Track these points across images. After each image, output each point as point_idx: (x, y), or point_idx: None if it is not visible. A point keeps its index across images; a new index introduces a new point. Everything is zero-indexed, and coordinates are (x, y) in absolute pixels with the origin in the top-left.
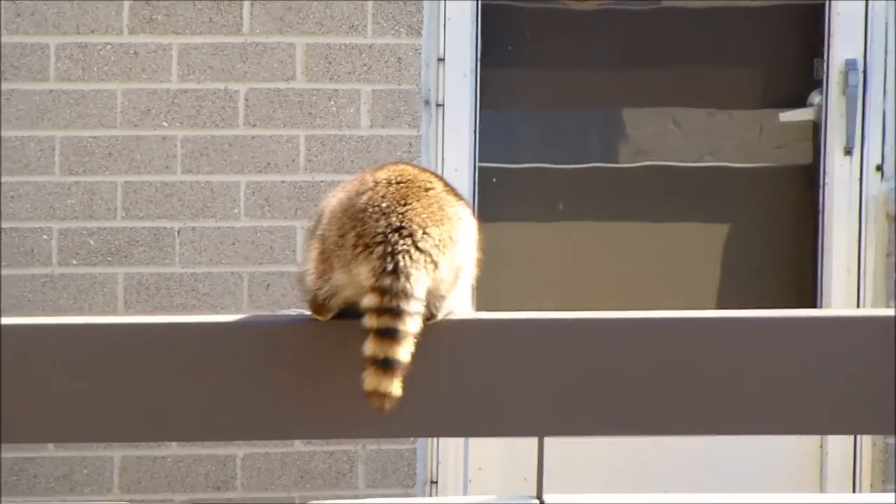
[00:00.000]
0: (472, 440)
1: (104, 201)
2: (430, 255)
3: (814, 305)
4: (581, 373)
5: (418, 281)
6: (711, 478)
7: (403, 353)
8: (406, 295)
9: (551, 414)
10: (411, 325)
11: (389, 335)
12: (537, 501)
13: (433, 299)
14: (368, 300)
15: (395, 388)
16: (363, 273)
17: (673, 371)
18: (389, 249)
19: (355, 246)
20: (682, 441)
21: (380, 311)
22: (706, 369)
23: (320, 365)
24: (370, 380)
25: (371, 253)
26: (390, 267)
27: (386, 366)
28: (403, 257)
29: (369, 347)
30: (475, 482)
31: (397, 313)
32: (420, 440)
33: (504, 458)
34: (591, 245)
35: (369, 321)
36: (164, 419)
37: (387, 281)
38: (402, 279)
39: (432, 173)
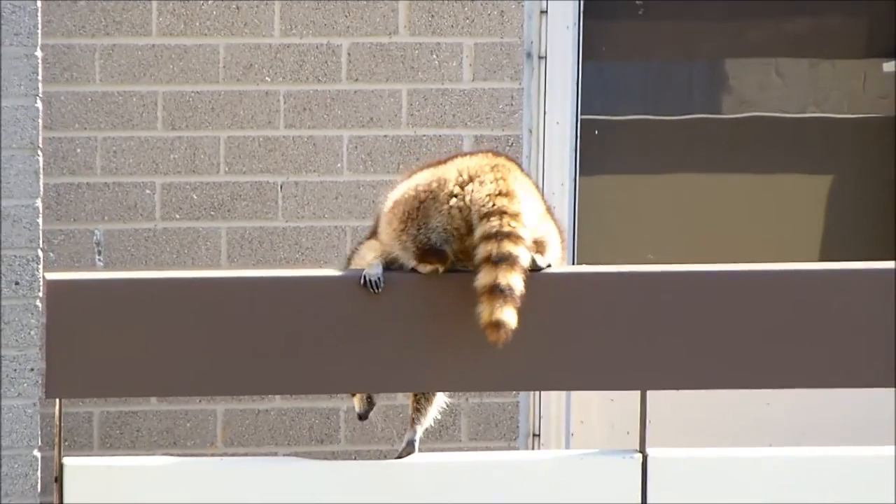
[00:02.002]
0: (574, 394)
1: (207, 156)
2: (527, 190)
3: None
4: (684, 326)
5: (528, 206)
6: (815, 431)
7: (518, 280)
8: (520, 217)
9: (654, 367)
10: (524, 256)
11: (506, 261)
12: (640, 455)
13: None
14: (486, 226)
15: (513, 317)
16: (478, 200)
17: (777, 323)
18: (500, 175)
19: (459, 174)
20: (787, 394)
21: (499, 235)
22: (810, 322)
23: (425, 319)
24: (487, 310)
25: (482, 183)
26: (504, 189)
27: (502, 293)
28: (512, 184)
29: (485, 276)
30: (577, 436)
31: (515, 237)
32: (522, 394)
33: (606, 412)
34: (693, 197)
35: (486, 247)
36: (267, 373)
37: (504, 201)
38: (516, 202)
39: None
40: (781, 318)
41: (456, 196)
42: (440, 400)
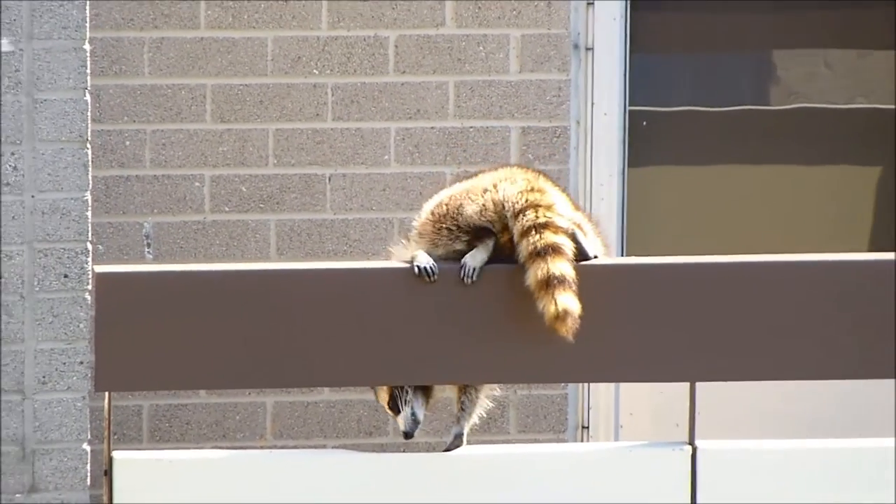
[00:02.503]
0: (623, 386)
1: (255, 148)
2: (556, 189)
3: None
4: (733, 317)
5: (559, 198)
6: (865, 423)
7: (567, 267)
8: (554, 208)
9: (703, 359)
10: (566, 244)
11: (551, 250)
12: (690, 447)
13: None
14: (522, 221)
15: (575, 303)
16: (510, 198)
17: (828, 314)
18: (530, 177)
19: (493, 178)
20: (836, 385)
21: (537, 227)
22: (860, 313)
23: (474, 311)
24: (549, 303)
25: (513, 182)
26: (535, 186)
27: (559, 283)
28: (541, 183)
29: (535, 270)
30: (626, 428)
31: (553, 227)
32: (571, 386)
33: (655, 404)
34: (741, 188)
35: (528, 241)
36: (317, 365)
37: (535, 195)
38: (547, 195)
39: None
40: (832, 309)
41: (489, 191)
42: (484, 400)
